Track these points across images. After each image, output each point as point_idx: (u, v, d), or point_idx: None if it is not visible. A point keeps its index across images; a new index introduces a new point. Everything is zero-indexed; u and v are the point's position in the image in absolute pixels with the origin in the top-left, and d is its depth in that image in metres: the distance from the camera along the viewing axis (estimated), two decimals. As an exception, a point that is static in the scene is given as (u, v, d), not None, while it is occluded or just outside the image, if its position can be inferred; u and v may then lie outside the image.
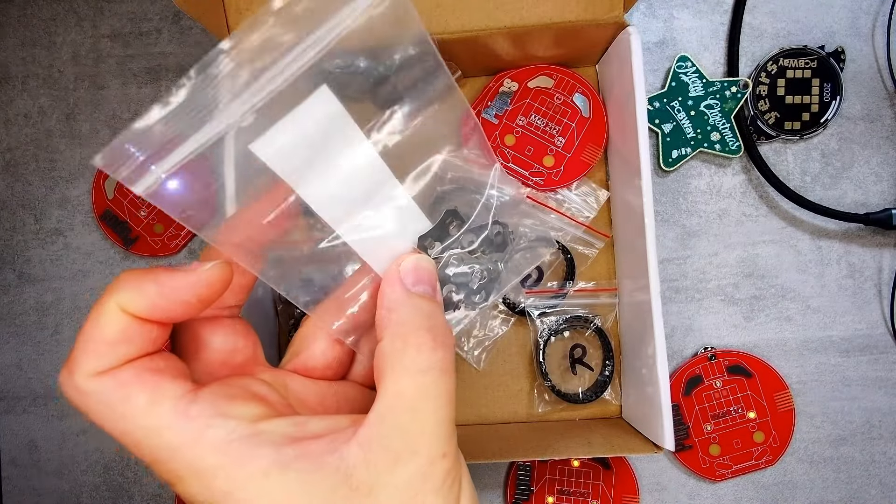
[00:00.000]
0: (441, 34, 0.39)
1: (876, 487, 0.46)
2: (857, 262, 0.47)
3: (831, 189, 0.47)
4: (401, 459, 0.19)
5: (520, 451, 0.40)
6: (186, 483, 0.19)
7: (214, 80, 0.19)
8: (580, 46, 0.43)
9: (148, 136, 0.19)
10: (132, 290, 0.19)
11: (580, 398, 0.44)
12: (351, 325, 0.25)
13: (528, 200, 0.45)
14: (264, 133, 0.21)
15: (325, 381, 0.25)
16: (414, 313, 0.22)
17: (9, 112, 0.49)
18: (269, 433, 0.19)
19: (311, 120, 0.21)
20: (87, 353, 0.19)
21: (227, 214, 0.22)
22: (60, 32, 0.49)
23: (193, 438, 0.19)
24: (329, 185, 0.22)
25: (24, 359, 0.49)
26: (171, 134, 0.19)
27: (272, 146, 0.21)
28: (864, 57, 0.47)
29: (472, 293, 0.26)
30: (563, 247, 0.45)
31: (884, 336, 0.46)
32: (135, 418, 0.19)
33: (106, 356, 0.19)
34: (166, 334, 0.21)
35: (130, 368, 0.19)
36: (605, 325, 0.45)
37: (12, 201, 0.49)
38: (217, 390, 0.20)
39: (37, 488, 0.48)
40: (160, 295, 0.19)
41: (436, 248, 0.26)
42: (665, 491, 0.46)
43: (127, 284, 0.19)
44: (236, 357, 0.23)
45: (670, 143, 0.46)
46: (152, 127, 0.19)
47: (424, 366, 0.21)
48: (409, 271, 0.23)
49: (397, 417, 0.20)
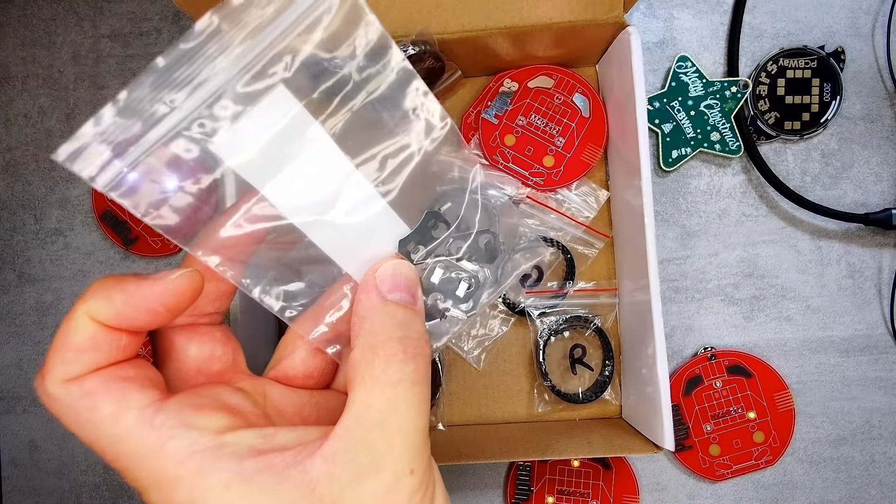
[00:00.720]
0: (441, 34, 0.39)
1: (876, 487, 0.46)
2: (857, 262, 0.47)
3: (831, 189, 0.47)
4: (364, 475, 0.19)
5: (520, 451, 0.40)
6: (150, 493, 0.19)
7: (175, 75, 0.19)
8: (580, 46, 0.43)
9: (107, 129, 0.19)
10: (100, 298, 0.19)
11: (580, 398, 0.44)
12: (332, 334, 0.24)
13: (529, 200, 0.45)
14: (222, 132, 0.20)
15: (306, 390, 0.25)
16: (386, 322, 0.22)
17: (9, 112, 0.49)
18: (234, 445, 0.19)
19: (269, 119, 0.21)
20: (56, 359, 0.19)
21: (204, 219, 0.22)
22: (60, 32, 0.49)
23: (156, 448, 0.18)
24: (294, 186, 0.22)
25: (24, 359, 0.49)
26: (129, 128, 0.19)
27: (232, 146, 0.21)
28: (864, 57, 0.47)
29: (460, 301, 0.26)
30: (563, 247, 0.45)
31: (884, 336, 0.46)
32: (101, 426, 0.19)
33: (74, 363, 0.19)
34: (138, 342, 0.20)
35: (98, 376, 0.19)
36: (605, 325, 0.45)
37: (12, 201, 0.49)
38: (184, 400, 0.20)
39: (37, 488, 0.48)
40: (126, 303, 0.19)
41: (420, 252, 0.25)
42: (665, 491, 0.46)
43: (96, 293, 0.19)
44: (213, 365, 0.23)
45: (670, 143, 0.46)
46: (111, 121, 0.19)
47: (395, 378, 0.20)
48: (387, 277, 0.23)
49: (364, 432, 0.19)
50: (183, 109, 0.20)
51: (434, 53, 0.40)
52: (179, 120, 0.20)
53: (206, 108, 0.20)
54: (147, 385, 0.20)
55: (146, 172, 0.20)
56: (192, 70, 0.19)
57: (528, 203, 0.45)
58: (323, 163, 0.22)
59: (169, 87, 0.19)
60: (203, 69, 0.19)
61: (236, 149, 0.21)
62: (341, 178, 0.23)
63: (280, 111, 0.21)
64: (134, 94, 0.19)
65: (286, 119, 0.21)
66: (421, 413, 0.20)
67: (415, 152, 0.24)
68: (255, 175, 0.21)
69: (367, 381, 0.20)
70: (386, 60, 0.22)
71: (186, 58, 0.19)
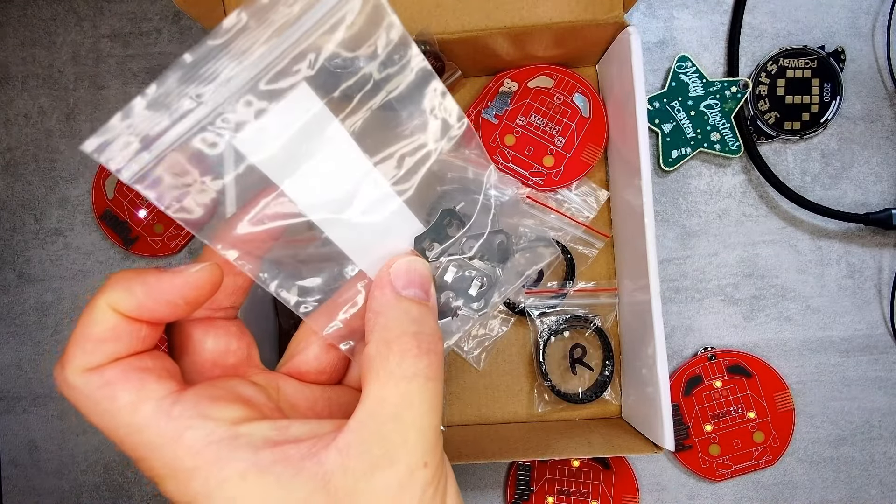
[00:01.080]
0: (441, 34, 0.39)
1: (876, 487, 0.46)
2: (857, 262, 0.47)
3: (831, 189, 0.47)
4: (379, 467, 0.19)
5: (520, 451, 0.40)
6: (166, 483, 0.19)
7: (202, 71, 0.20)
8: (580, 46, 0.43)
9: (135, 123, 0.19)
10: (122, 289, 0.19)
11: (580, 398, 0.44)
12: (345, 331, 0.24)
13: (529, 200, 0.45)
14: (245, 128, 0.21)
15: (319, 386, 0.25)
16: (401, 318, 0.22)
17: (9, 112, 0.49)
18: (249, 436, 0.19)
19: (291, 117, 0.21)
20: (77, 349, 0.19)
21: (224, 214, 0.22)
22: (60, 32, 0.49)
23: (173, 438, 0.19)
24: (313, 182, 0.22)
25: (24, 359, 0.49)
26: (157, 121, 0.20)
27: (255, 142, 0.21)
28: (864, 57, 0.47)
29: (472, 300, 0.26)
30: (563, 247, 0.45)
31: (884, 336, 0.46)
32: (119, 415, 0.19)
33: (94, 353, 0.19)
34: (157, 334, 0.21)
35: (117, 366, 0.19)
36: (605, 325, 0.45)
37: (12, 201, 0.49)
38: (201, 391, 0.20)
39: (37, 488, 0.48)
40: (147, 295, 0.19)
41: (435, 249, 0.25)
42: (665, 491, 0.46)
43: (117, 284, 0.19)
44: (228, 358, 0.23)
45: (670, 143, 0.46)
46: (140, 114, 0.19)
47: (409, 372, 0.20)
48: (401, 274, 0.23)
49: (379, 425, 0.20)
50: (208, 104, 0.20)
51: (434, 53, 0.40)
52: (205, 115, 0.20)
53: (230, 103, 0.20)
54: (165, 376, 0.20)
55: (171, 165, 0.20)
56: (218, 66, 0.20)
57: (528, 203, 0.45)
58: (342, 160, 0.22)
59: (196, 81, 0.20)
60: (229, 65, 0.20)
61: (259, 145, 0.21)
62: (359, 176, 0.23)
63: (302, 108, 0.21)
64: (162, 89, 0.19)
65: (307, 116, 0.21)
66: (434, 408, 0.21)
67: (431, 151, 0.24)
68: (276, 171, 0.22)
69: (382, 375, 0.20)
70: (406, 61, 0.22)
71: (213, 54, 0.19)
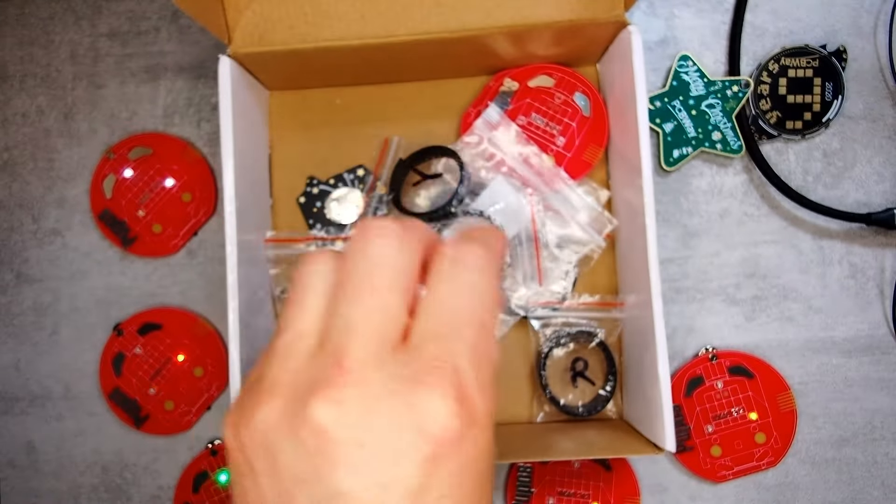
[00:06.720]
0: (441, 33, 0.39)
1: (878, 489, 0.46)
2: (860, 263, 0.46)
3: (833, 189, 0.46)
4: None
5: (520, 453, 0.39)
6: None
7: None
8: (581, 45, 0.42)
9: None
10: None
11: (579, 411, 0.44)
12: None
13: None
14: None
15: None
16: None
17: (6, 111, 0.49)
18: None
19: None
20: None
21: None
22: (58, 31, 0.49)
23: None
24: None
25: (21, 359, 0.49)
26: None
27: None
28: (865, 56, 0.46)
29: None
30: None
31: (886, 337, 0.46)
32: None
33: None
34: None
35: None
36: (610, 339, 0.44)
37: (10, 201, 0.49)
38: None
39: (35, 489, 0.48)
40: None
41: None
42: (666, 492, 0.46)
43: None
44: None
45: (671, 143, 0.46)
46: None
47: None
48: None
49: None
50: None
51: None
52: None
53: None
54: None
55: None
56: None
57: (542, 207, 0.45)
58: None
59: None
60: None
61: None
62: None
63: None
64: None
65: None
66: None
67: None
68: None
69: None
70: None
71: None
